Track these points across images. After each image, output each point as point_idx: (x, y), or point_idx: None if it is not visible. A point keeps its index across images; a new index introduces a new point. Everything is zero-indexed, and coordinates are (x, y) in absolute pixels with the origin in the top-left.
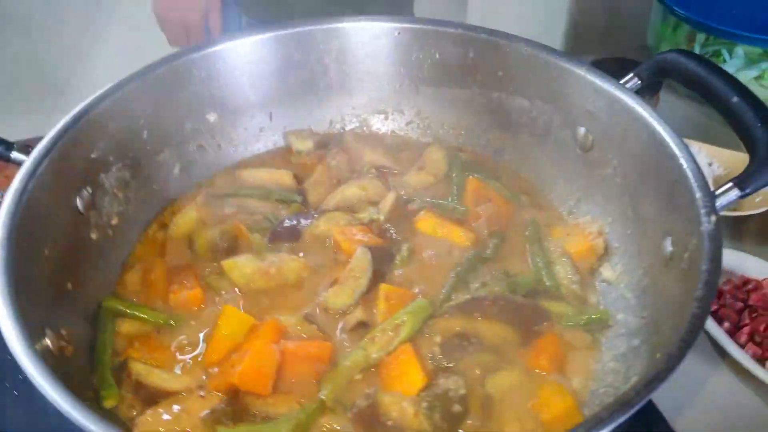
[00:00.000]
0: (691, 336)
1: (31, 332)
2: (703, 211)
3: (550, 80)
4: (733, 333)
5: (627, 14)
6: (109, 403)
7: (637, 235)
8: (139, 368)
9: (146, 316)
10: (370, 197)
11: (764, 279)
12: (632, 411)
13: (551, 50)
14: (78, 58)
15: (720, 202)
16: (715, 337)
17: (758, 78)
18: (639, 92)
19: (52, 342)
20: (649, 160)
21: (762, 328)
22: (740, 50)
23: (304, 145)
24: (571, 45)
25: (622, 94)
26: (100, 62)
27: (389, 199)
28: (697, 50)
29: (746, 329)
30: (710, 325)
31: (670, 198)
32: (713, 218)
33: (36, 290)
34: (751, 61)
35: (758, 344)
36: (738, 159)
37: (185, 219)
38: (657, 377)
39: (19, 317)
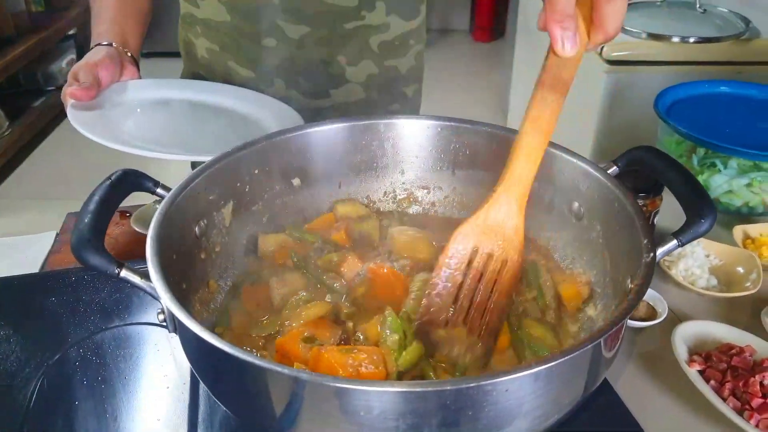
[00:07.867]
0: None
1: None
2: (645, 251)
3: (552, 167)
4: (717, 390)
5: (641, 130)
6: None
7: (611, 281)
8: None
9: None
10: None
11: (746, 345)
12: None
13: (553, 144)
14: None
15: (661, 249)
16: (701, 391)
17: (748, 185)
18: (618, 176)
19: None
20: (619, 223)
21: (741, 384)
22: (734, 162)
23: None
24: (597, 155)
25: (602, 176)
26: None
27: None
28: (695, 162)
29: (728, 385)
30: (697, 381)
31: (631, 250)
32: (651, 255)
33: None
34: (743, 171)
35: (738, 398)
36: (729, 251)
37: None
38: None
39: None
